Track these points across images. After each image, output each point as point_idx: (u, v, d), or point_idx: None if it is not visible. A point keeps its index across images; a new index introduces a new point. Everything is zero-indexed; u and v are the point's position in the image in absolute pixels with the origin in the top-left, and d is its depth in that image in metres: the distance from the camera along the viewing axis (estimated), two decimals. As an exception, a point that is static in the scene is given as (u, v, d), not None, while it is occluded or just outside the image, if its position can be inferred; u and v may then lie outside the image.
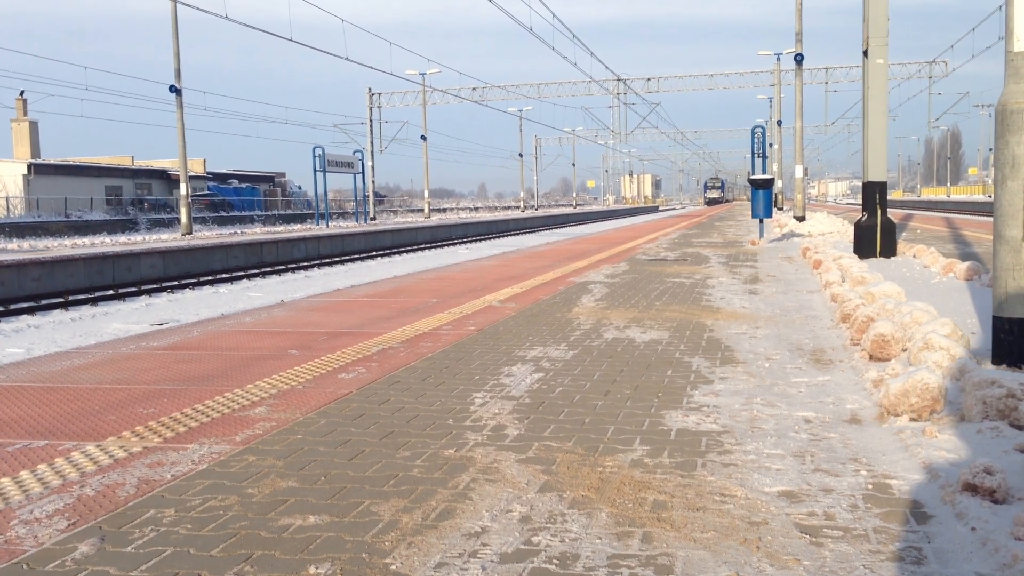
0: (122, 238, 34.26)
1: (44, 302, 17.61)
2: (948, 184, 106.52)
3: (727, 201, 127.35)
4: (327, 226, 42.54)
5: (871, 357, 5.20)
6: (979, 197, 76.72)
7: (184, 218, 33.21)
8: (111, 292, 19.70)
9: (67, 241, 31.98)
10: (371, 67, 37.52)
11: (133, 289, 20.22)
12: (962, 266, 9.60)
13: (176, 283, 21.63)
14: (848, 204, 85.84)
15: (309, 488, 3.15)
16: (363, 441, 3.76)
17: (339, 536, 2.70)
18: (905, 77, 57.34)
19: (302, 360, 5.66)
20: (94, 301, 18.55)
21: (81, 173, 52.41)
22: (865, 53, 12.99)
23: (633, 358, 5.54)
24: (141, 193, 56.26)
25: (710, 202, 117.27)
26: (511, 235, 48.54)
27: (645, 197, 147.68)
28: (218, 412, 4.31)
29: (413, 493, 3.07)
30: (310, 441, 3.77)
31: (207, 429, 4.00)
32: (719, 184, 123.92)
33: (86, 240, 32.60)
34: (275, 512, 2.91)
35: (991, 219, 5.09)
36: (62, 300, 17.95)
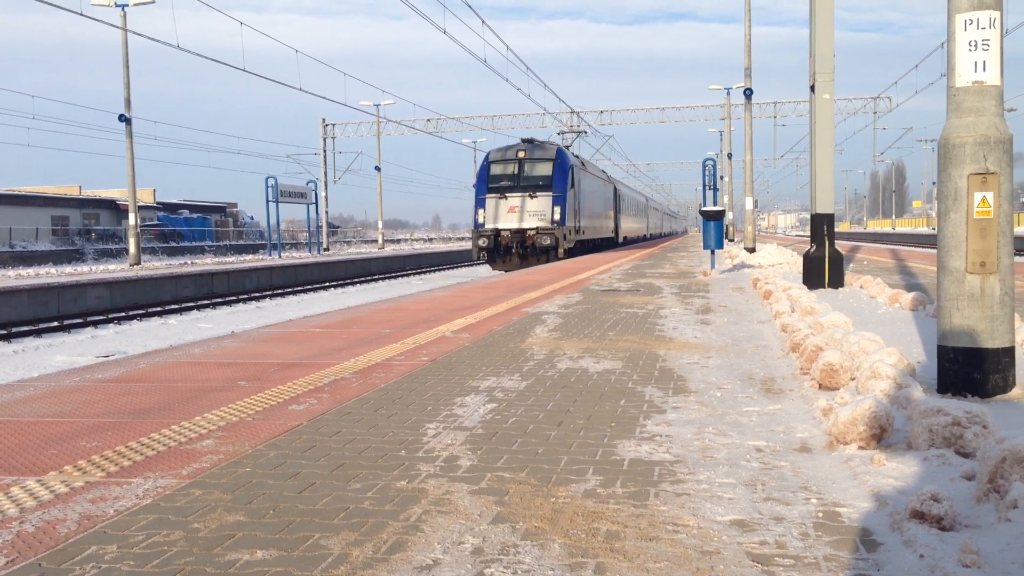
0: (68, 268, 33.64)
1: (-14, 334, 17.18)
2: (893, 216, 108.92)
3: (560, 248, 29.76)
4: (279, 257, 42.19)
5: (820, 386, 5.26)
6: (923, 229, 78.52)
7: (132, 248, 32.73)
8: (56, 324, 19.30)
9: (11, 272, 31.31)
10: (325, 98, 37.54)
11: (79, 321, 19.84)
12: (907, 296, 9.77)
13: (124, 314, 21.26)
14: (797, 236, 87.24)
15: (257, 522, 3.09)
16: (313, 473, 3.70)
17: (288, 571, 2.64)
18: (851, 112, 58.70)
19: (252, 391, 5.58)
20: (38, 333, 18.15)
21: (27, 203, 51.50)
22: (812, 88, 13.26)
23: (586, 388, 5.54)
24: (89, 223, 55.41)
25: (495, 257, 30.30)
26: (465, 266, 48.53)
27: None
28: (164, 445, 4.22)
29: (364, 526, 3.03)
30: (259, 474, 3.70)
31: (152, 463, 3.91)
32: (545, 175, 30.26)
33: (31, 271, 31.95)
34: (222, 547, 2.85)
35: (935, 251, 5.20)
36: (5, 332, 17.53)
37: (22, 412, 5.10)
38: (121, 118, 32.39)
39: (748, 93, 31.02)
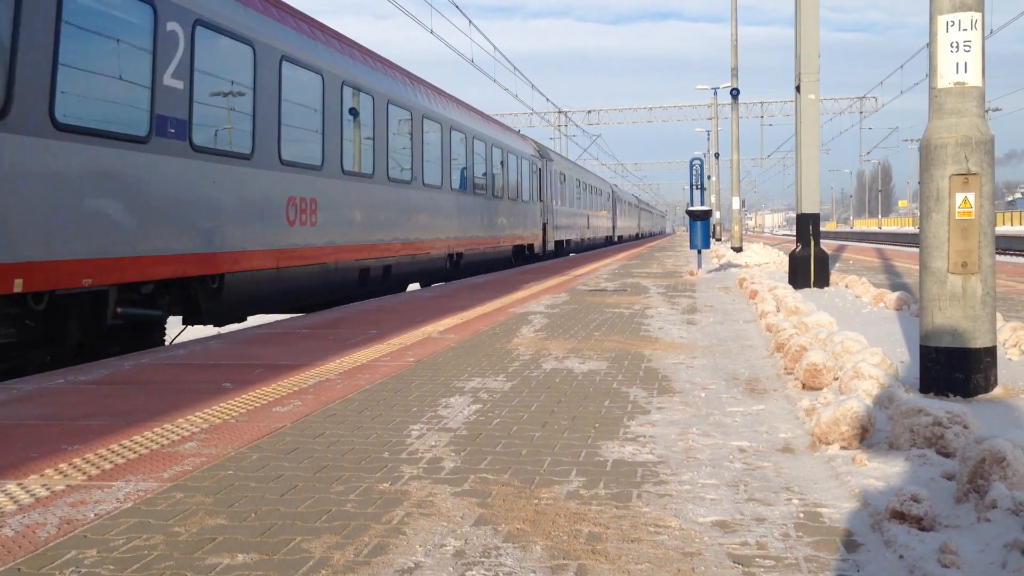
0: (54, 269, 33.36)
1: (-30, 335, 17.04)
2: (879, 216, 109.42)
3: None
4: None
5: (804, 386, 5.28)
6: (909, 229, 78.94)
7: (119, 248, 32.51)
8: (41, 324, 19.13)
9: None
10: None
11: (64, 321, 19.67)
12: (892, 296, 9.82)
13: (109, 315, 21.10)
14: (784, 235, 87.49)
15: (238, 525, 3.08)
16: (296, 476, 3.69)
17: (268, 574, 2.63)
18: (837, 112, 58.99)
19: (236, 393, 5.56)
20: (23, 334, 18.01)
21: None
22: (798, 88, 13.31)
23: (571, 389, 5.55)
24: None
25: None
26: (453, 266, 48.37)
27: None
28: (146, 448, 4.20)
29: (346, 529, 3.02)
30: (241, 476, 3.69)
31: (134, 466, 3.89)
32: None
33: (16, 271, 31.68)
34: (202, 551, 2.84)
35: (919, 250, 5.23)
36: (-11, 333, 17.39)
37: (4, 415, 5.07)
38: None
39: (735, 93, 31.12)
